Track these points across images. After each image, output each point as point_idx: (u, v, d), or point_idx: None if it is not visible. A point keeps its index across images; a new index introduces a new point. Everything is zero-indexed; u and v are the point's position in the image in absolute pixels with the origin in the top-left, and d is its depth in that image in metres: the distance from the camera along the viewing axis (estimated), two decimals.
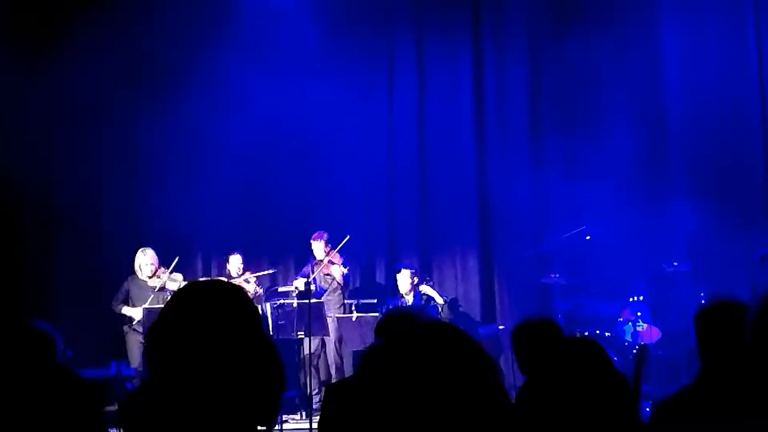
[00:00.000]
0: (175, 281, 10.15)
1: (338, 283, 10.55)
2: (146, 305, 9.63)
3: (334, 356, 10.45)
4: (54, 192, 11.08)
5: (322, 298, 10.36)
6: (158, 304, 9.85)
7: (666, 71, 10.94)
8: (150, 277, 10.15)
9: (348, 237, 10.36)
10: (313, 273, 10.36)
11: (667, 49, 10.95)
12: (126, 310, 10.03)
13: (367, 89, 11.71)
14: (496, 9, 11.48)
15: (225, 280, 7.76)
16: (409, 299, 10.27)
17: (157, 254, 10.24)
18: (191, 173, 11.28)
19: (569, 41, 11.04)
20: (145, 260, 10.17)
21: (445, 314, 10.29)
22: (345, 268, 10.53)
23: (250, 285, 10.36)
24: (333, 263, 10.48)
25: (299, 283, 10.24)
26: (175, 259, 10.10)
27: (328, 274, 10.56)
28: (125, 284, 10.19)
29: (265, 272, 10.78)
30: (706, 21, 10.81)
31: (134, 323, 9.97)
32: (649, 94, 10.96)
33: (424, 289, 10.28)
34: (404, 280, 10.29)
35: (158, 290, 10.04)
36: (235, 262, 10.59)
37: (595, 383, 2.54)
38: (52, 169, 11.05)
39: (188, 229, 10.91)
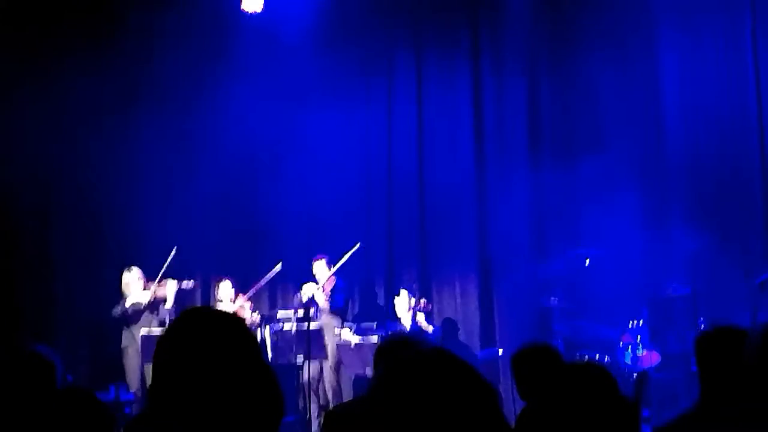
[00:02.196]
0: (164, 287, 10.12)
1: (325, 296, 10.43)
2: (142, 332, 9.57)
3: (331, 381, 10.40)
4: (51, 215, 11.08)
5: (319, 322, 10.30)
6: (151, 317, 9.88)
7: (665, 95, 10.95)
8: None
9: (358, 244, 10.36)
10: (315, 290, 10.36)
11: (666, 72, 10.96)
12: (129, 301, 9.97)
13: (366, 110, 11.74)
14: (494, 30, 11.51)
15: (221, 307, 7.75)
16: (407, 321, 10.25)
17: (154, 278, 10.22)
18: (190, 195, 11.28)
19: (568, 62, 11.08)
20: (132, 277, 10.12)
21: (440, 338, 10.31)
22: (330, 284, 10.44)
23: (246, 312, 10.29)
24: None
25: (308, 289, 10.23)
26: (172, 250, 10.07)
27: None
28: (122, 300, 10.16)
29: (276, 268, 10.61)
30: (704, 42, 10.83)
31: (127, 346, 9.93)
32: (648, 116, 10.97)
33: (419, 317, 10.28)
34: (402, 301, 10.32)
35: (151, 302, 10.01)
36: (225, 289, 10.48)
37: (597, 408, 2.53)
38: (50, 193, 11.05)
39: (186, 252, 10.89)
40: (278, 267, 10.35)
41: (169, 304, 10.06)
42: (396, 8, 11.69)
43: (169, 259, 10.03)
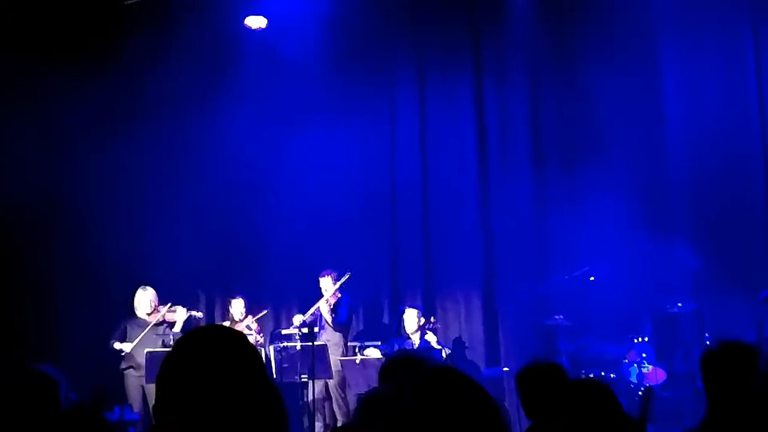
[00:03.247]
0: (174, 312, 10.15)
1: (326, 320, 10.42)
2: (148, 348, 9.58)
3: (337, 399, 10.37)
4: (54, 234, 11.08)
5: (322, 337, 10.29)
6: (155, 339, 9.89)
7: (667, 109, 10.94)
8: (149, 314, 10.13)
9: (349, 274, 10.36)
10: (314, 309, 10.34)
11: (668, 85, 10.95)
12: (117, 345, 10.00)
13: (369, 127, 11.72)
14: (496, 44, 11.49)
15: (227, 325, 7.77)
16: (416, 339, 10.20)
17: (160, 297, 10.22)
18: (194, 215, 11.30)
19: (570, 75, 11.08)
20: (145, 296, 10.17)
21: (447, 355, 10.25)
22: (334, 298, 10.44)
23: (252, 332, 10.29)
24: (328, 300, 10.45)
25: (297, 319, 10.24)
26: (167, 305, 10.13)
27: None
28: (122, 323, 10.15)
29: (262, 314, 10.71)
30: (705, 56, 10.82)
31: (127, 368, 9.93)
32: (651, 131, 10.93)
33: (428, 337, 10.24)
34: (411, 319, 10.25)
35: (156, 324, 10.02)
36: (237, 306, 10.56)
37: (601, 425, 2.53)
38: (52, 211, 11.05)
39: (191, 270, 10.91)
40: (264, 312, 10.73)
41: (177, 328, 10.12)
42: (398, 21, 11.71)
43: (167, 307, 10.08)
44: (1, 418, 3.04)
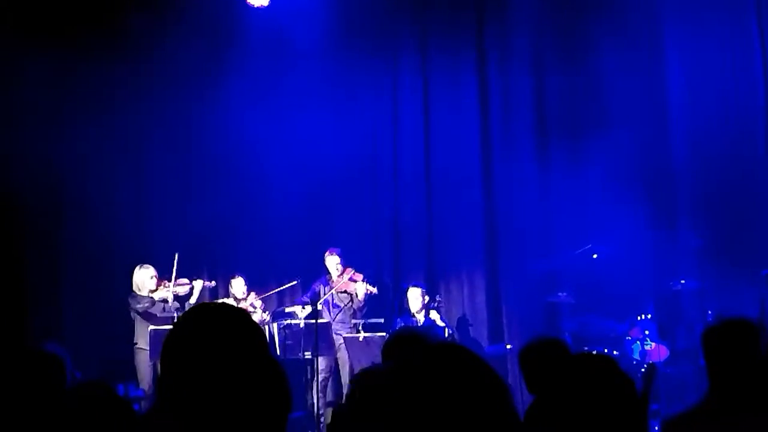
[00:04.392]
0: (184, 285, 10.14)
1: (360, 300, 10.43)
2: (150, 328, 9.58)
3: (345, 377, 10.37)
4: (61, 214, 11.07)
5: (336, 317, 10.31)
6: (162, 316, 9.87)
7: (671, 87, 10.93)
8: (153, 291, 10.10)
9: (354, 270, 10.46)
10: (326, 290, 10.33)
11: (672, 63, 10.94)
12: (159, 294, 9.97)
13: (372, 104, 11.68)
14: (500, 20, 11.43)
15: (230, 303, 7.77)
16: (420, 318, 10.20)
17: (162, 276, 10.21)
18: (196, 194, 11.29)
19: (574, 54, 11.06)
20: (146, 274, 10.08)
21: (450, 333, 10.27)
22: (373, 287, 10.45)
23: (256, 310, 10.30)
24: (354, 281, 10.42)
25: (298, 310, 10.25)
26: (175, 256, 10.07)
27: (344, 292, 10.50)
28: (133, 300, 10.12)
29: (276, 290, 10.73)
30: (711, 32, 10.80)
31: (139, 343, 9.93)
32: (655, 110, 10.95)
33: (433, 315, 10.25)
34: (415, 298, 10.24)
35: (164, 300, 10.02)
36: (238, 285, 10.51)
37: (604, 398, 2.53)
38: (58, 192, 11.03)
39: (194, 250, 10.91)
40: (294, 282, 10.76)
41: (194, 299, 10.16)
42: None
43: (175, 265, 10.04)
44: (6, 397, 3.06)
